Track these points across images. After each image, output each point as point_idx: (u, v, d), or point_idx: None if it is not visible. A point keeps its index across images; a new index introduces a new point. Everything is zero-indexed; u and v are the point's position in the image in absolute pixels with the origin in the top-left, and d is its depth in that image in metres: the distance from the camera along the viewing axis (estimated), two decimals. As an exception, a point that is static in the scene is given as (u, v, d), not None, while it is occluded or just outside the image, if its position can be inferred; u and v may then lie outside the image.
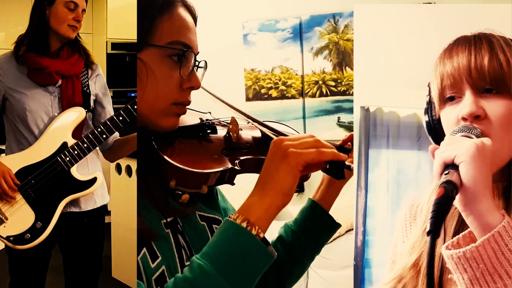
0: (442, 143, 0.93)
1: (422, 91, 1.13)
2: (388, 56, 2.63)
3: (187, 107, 1.03)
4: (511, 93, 0.98)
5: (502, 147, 0.97)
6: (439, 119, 1.07)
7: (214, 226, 1.09)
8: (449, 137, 0.96)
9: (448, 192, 0.83)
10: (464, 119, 0.98)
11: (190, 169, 0.95)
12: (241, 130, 1.12)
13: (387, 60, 2.63)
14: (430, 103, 1.09)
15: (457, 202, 0.87)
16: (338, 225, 1.20)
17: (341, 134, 3.82)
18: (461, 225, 0.99)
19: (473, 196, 0.85)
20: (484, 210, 0.85)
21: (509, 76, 0.98)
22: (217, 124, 1.12)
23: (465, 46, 1.01)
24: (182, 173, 0.95)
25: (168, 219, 0.98)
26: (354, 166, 1.26)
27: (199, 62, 1.01)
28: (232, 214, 0.86)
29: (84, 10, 2.06)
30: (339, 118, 3.90)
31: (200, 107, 1.17)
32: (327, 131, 3.89)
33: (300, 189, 1.27)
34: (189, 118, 1.09)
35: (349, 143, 1.21)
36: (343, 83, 3.88)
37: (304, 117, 4.00)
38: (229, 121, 1.11)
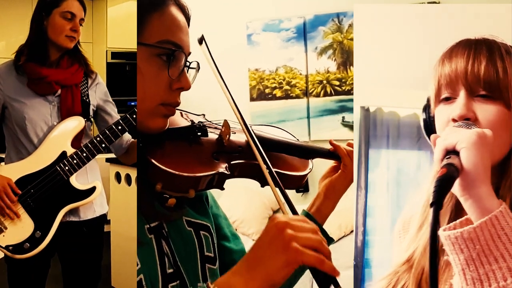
0: (443, 132, 0.96)
1: (422, 91, 1.14)
2: (388, 56, 2.61)
3: (179, 108, 1.01)
4: (504, 99, 1.00)
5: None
6: (434, 117, 1.08)
7: (201, 232, 1.07)
8: (450, 127, 0.99)
9: (451, 172, 0.86)
10: (454, 120, 1.00)
11: (176, 172, 0.93)
12: (234, 133, 1.09)
13: (387, 60, 2.62)
14: (429, 101, 1.11)
15: (456, 187, 0.89)
16: (331, 240, 1.19)
17: (345, 134, 3.82)
18: (455, 219, 1.00)
19: (472, 180, 0.87)
20: (483, 194, 0.87)
21: (504, 83, 1.00)
22: (209, 127, 1.09)
23: (465, 49, 1.03)
24: (168, 176, 0.93)
25: (152, 224, 0.97)
26: (354, 166, 1.26)
27: (190, 63, 0.99)
28: (211, 284, 0.83)
29: (82, 20, 2.06)
30: (343, 117, 3.89)
31: (194, 109, 1.16)
32: (332, 130, 3.88)
33: (305, 189, 1.25)
34: (180, 120, 1.07)
35: (350, 142, 1.22)
36: (347, 83, 3.87)
37: (308, 117, 4.00)
38: (222, 124, 1.09)
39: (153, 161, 0.93)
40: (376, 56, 2.53)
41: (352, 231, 3.18)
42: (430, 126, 1.10)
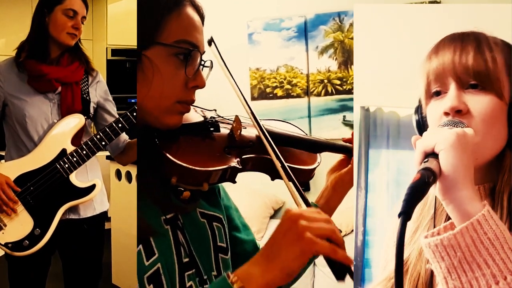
0: (424, 134, 0.92)
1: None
2: (388, 56, 2.61)
3: (192, 105, 1.04)
4: (496, 90, 0.97)
5: (484, 142, 0.95)
6: (426, 116, 1.07)
7: (214, 223, 1.11)
8: (432, 128, 0.97)
9: (425, 178, 0.82)
10: (446, 113, 0.97)
11: (191, 166, 0.97)
12: (245, 128, 1.12)
13: (387, 60, 2.61)
14: (420, 102, 1.09)
15: (437, 191, 0.86)
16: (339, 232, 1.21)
17: (346, 133, 3.81)
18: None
19: (452, 184, 0.84)
20: (464, 198, 0.84)
21: (494, 72, 0.97)
22: (221, 122, 1.12)
23: (451, 43, 1.02)
24: (183, 170, 0.97)
25: (168, 216, 1.00)
26: (354, 166, 1.26)
27: (205, 62, 1.02)
28: (231, 274, 0.85)
29: (84, 18, 2.06)
30: (344, 117, 3.89)
31: (202, 105, 1.18)
32: (333, 130, 3.88)
33: (306, 188, 1.26)
34: (192, 116, 1.10)
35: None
36: (348, 82, 3.87)
37: (309, 116, 4.00)
38: (233, 119, 1.12)
39: (168, 155, 0.96)
40: (376, 56, 2.53)
41: (352, 231, 3.18)
42: (422, 127, 1.07)
